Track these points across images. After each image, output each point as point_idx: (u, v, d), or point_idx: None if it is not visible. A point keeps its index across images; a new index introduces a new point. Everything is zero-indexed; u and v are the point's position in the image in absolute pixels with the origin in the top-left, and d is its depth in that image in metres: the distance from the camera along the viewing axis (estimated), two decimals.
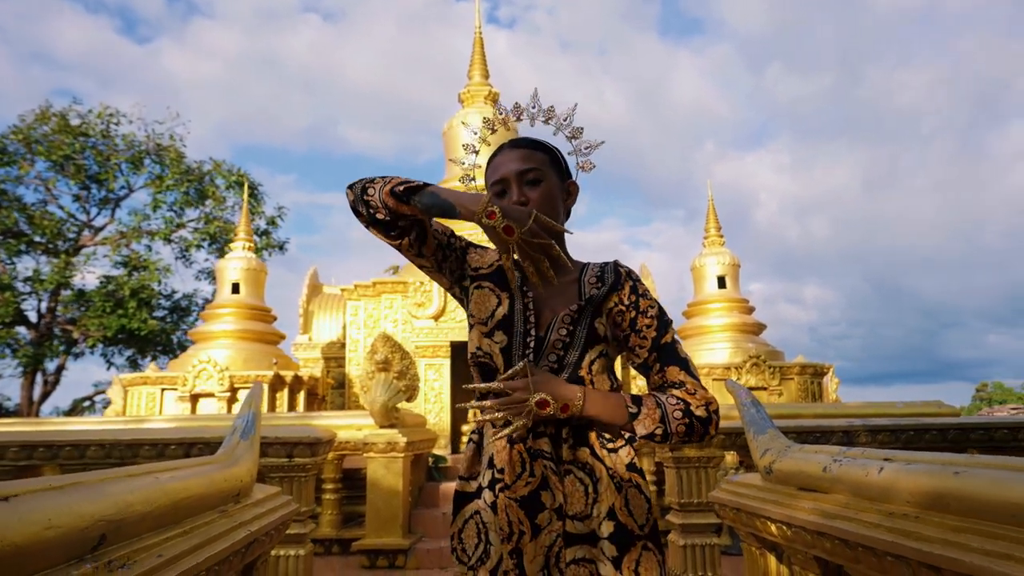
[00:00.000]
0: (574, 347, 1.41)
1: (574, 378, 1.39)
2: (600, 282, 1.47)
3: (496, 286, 1.49)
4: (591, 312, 1.43)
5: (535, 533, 1.30)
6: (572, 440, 1.37)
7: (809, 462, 2.36)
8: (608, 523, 1.31)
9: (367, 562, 5.91)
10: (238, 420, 2.94)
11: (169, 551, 1.55)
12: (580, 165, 1.52)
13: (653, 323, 1.44)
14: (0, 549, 1.00)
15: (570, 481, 1.33)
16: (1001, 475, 1.41)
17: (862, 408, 6.17)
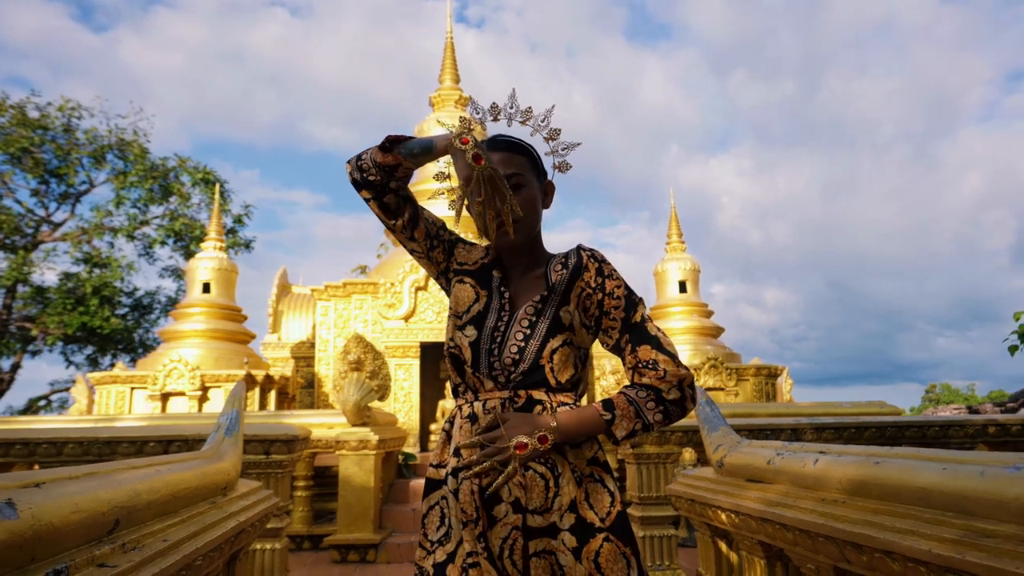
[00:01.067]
0: (534, 337, 1.39)
1: (535, 367, 1.38)
2: (564, 268, 1.45)
3: (477, 283, 1.51)
4: (556, 301, 1.42)
5: (491, 524, 1.30)
6: None
7: (756, 456, 2.55)
8: (569, 515, 1.30)
9: (338, 556, 5.99)
10: (222, 418, 3.04)
11: (172, 537, 1.66)
12: (557, 166, 1.53)
13: (621, 303, 1.42)
14: (40, 528, 1.12)
15: (531, 476, 1.31)
16: (910, 463, 1.61)
17: (811, 408, 6.45)
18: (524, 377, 1.38)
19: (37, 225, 18.89)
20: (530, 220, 1.47)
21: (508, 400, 1.38)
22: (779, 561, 2.46)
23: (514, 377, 1.39)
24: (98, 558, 1.30)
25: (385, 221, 1.50)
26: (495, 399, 1.39)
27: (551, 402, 1.39)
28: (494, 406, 1.38)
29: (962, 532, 1.37)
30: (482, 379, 1.41)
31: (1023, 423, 4.40)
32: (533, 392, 1.39)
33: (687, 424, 4.61)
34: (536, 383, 1.39)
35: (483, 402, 1.40)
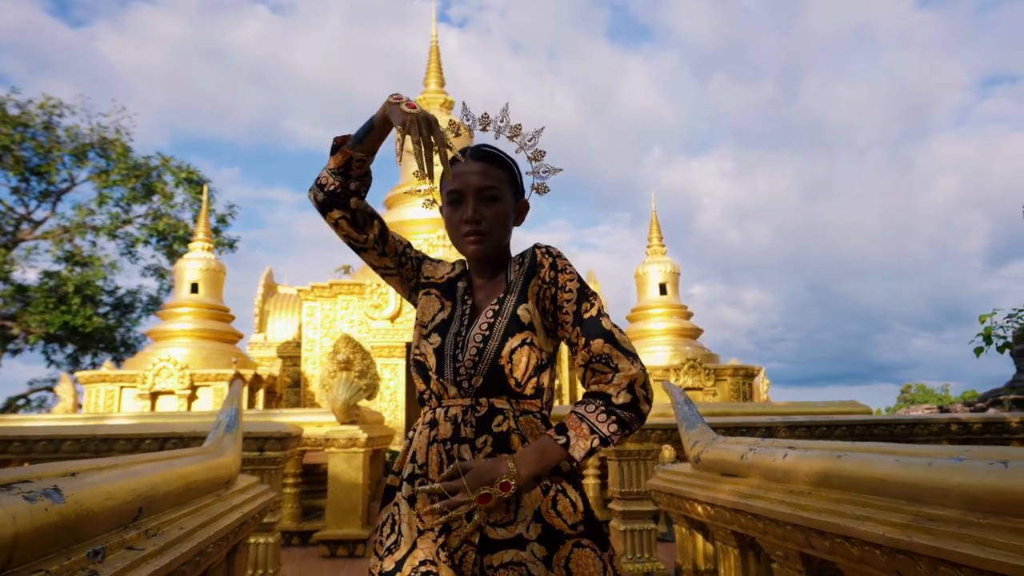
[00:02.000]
0: (493, 337, 1.37)
1: (494, 369, 1.35)
2: (520, 267, 1.45)
3: (443, 295, 1.51)
4: (514, 300, 1.41)
5: (445, 532, 1.28)
6: (491, 449, 1.33)
7: (730, 451, 2.69)
8: (535, 525, 1.27)
9: (327, 552, 6.07)
10: (222, 415, 3.12)
11: (187, 525, 1.76)
12: (536, 187, 1.53)
13: (573, 295, 1.40)
14: (82, 512, 1.22)
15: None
16: (868, 457, 1.74)
17: (786, 407, 6.63)
18: (485, 381, 1.35)
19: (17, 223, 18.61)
20: (499, 233, 1.46)
21: (470, 408, 1.35)
22: (751, 550, 2.60)
23: (475, 381, 1.36)
24: (126, 541, 1.40)
25: (356, 240, 1.48)
26: (457, 406, 1.36)
27: (514, 410, 1.36)
28: (455, 415, 1.35)
29: (911, 517, 1.50)
30: (446, 385, 1.39)
31: (984, 421, 4.59)
32: (495, 400, 1.36)
33: (666, 422, 4.75)
34: (498, 389, 1.36)
35: (445, 409, 1.37)
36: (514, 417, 1.35)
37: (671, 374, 11.23)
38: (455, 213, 1.45)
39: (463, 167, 1.46)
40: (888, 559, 1.54)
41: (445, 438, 1.34)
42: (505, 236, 1.49)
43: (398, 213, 14.94)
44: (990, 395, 16.47)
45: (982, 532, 1.31)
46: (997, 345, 7.35)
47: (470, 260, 1.52)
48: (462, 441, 1.32)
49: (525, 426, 1.36)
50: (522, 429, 1.35)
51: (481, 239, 1.43)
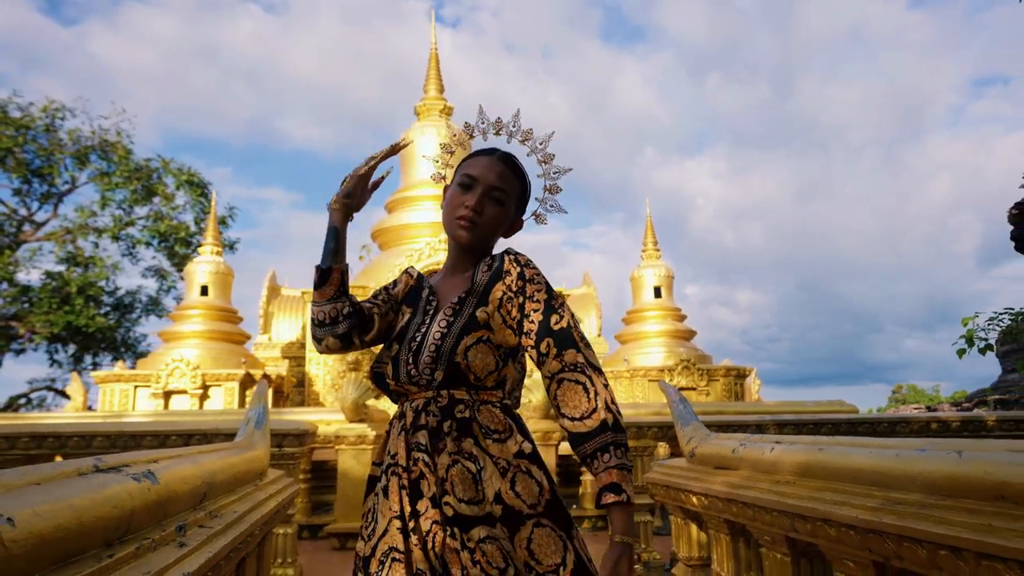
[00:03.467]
0: (450, 335, 1.37)
1: (450, 365, 1.35)
2: (488, 270, 1.44)
3: (408, 305, 1.52)
4: (474, 302, 1.40)
5: (415, 517, 1.30)
6: (456, 433, 1.33)
7: (722, 446, 2.87)
8: (496, 506, 1.28)
9: (337, 544, 6.24)
10: (251, 412, 3.30)
11: (238, 509, 1.94)
12: (548, 188, 1.56)
13: (540, 306, 1.38)
14: (170, 492, 1.40)
15: (458, 470, 1.30)
16: (845, 449, 1.93)
17: (776, 406, 6.83)
18: (445, 375, 1.35)
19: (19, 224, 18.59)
20: (489, 232, 1.48)
21: (432, 399, 1.36)
22: (741, 536, 2.78)
23: (436, 375, 1.36)
24: (198, 520, 1.58)
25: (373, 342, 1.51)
26: (420, 399, 1.38)
27: (474, 400, 1.37)
28: (417, 405, 1.37)
29: (881, 501, 1.69)
30: (404, 386, 1.40)
31: (962, 419, 4.79)
32: (455, 392, 1.37)
33: (661, 420, 4.94)
34: (458, 382, 1.36)
35: (411, 401, 1.39)
36: (474, 407, 1.36)
37: (665, 375, 11.42)
38: (460, 195, 1.46)
39: (485, 160, 1.48)
40: (861, 538, 1.73)
41: (407, 428, 1.36)
42: (492, 238, 1.51)
43: (399, 217, 15.09)
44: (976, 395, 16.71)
45: (940, 512, 1.49)
46: (979, 347, 7.55)
47: (453, 245, 1.52)
48: (422, 428, 1.33)
49: (484, 415, 1.36)
50: (481, 419, 1.35)
51: (472, 228, 1.44)
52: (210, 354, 9.92)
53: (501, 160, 1.49)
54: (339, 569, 5.54)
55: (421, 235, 14.37)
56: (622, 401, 11.79)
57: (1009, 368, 13.87)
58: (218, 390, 9.45)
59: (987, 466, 1.40)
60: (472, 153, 1.53)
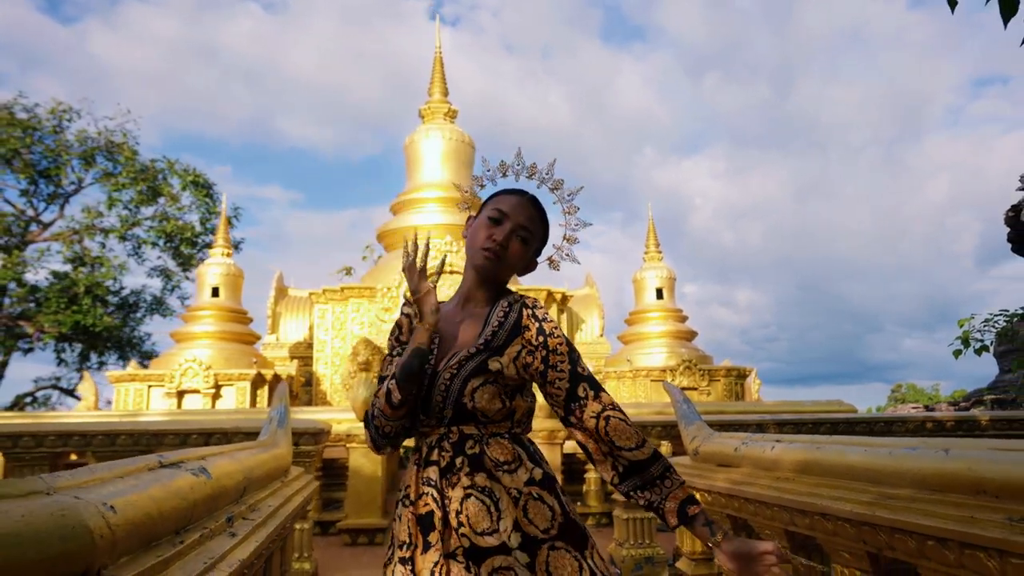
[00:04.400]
0: (459, 377, 1.43)
1: (458, 404, 1.42)
2: (501, 324, 1.49)
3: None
4: (488, 353, 1.45)
5: (425, 549, 1.33)
6: (468, 468, 1.39)
7: (725, 445, 2.98)
8: (515, 535, 1.34)
9: (349, 540, 6.35)
10: (273, 412, 3.41)
11: (272, 504, 2.05)
12: (567, 237, 1.62)
13: (565, 357, 1.47)
14: (220, 486, 1.51)
15: (473, 503, 1.35)
16: (841, 448, 2.04)
17: (775, 406, 6.93)
18: (453, 413, 1.42)
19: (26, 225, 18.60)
20: (509, 266, 1.53)
21: (444, 435, 1.42)
22: (743, 531, 2.88)
23: (446, 413, 1.42)
24: (241, 513, 1.69)
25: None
26: (434, 435, 1.44)
27: (484, 434, 1.42)
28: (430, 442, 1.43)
29: (875, 496, 1.79)
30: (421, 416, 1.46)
31: (956, 419, 4.89)
32: (464, 427, 1.43)
33: (664, 420, 5.05)
34: (466, 419, 1.43)
35: (426, 438, 1.45)
36: (483, 441, 1.42)
37: (668, 375, 11.53)
38: (489, 228, 1.51)
39: (517, 200, 1.54)
40: (856, 531, 1.83)
41: (421, 462, 1.43)
42: (509, 274, 1.55)
43: (404, 219, 15.21)
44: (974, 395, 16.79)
45: (928, 505, 1.60)
46: (975, 348, 7.65)
47: (471, 275, 1.57)
48: (433, 464, 1.40)
49: (494, 448, 1.42)
50: (491, 452, 1.41)
51: (496, 261, 1.49)
52: (222, 354, 10.05)
53: (531, 203, 1.55)
54: (351, 564, 5.65)
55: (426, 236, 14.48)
56: (626, 400, 11.90)
57: (1006, 368, 13.95)
58: (230, 389, 9.58)
59: (970, 463, 1.50)
60: (503, 190, 1.58)
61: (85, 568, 0.82)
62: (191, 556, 1.17)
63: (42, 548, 0.75)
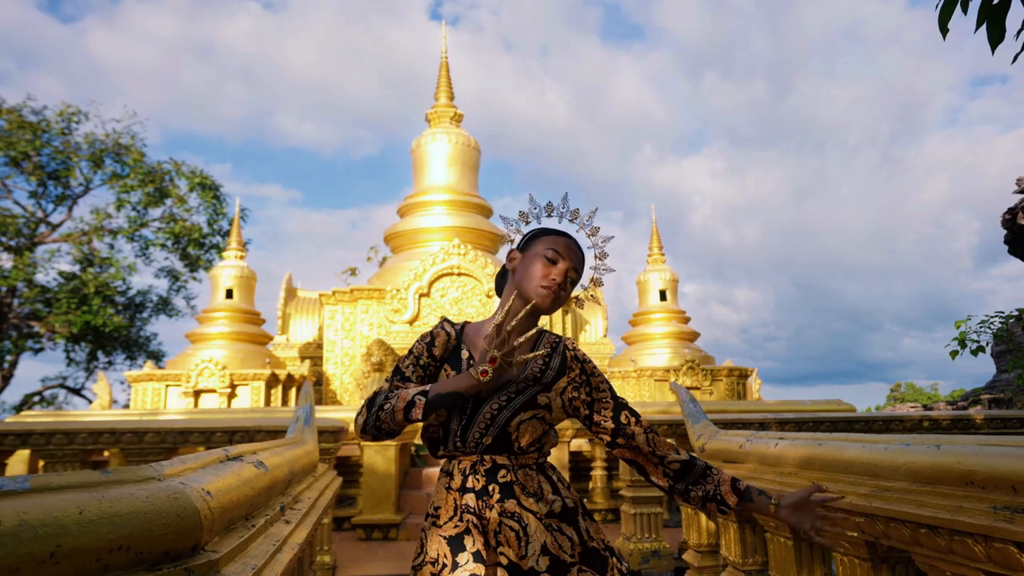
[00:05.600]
0: (508, 408, 1.52)
1: (502, 435, 1.51)
2: (547, 361, 1.60)
3: (451, 367, 1.60)
4: (538, 388, 1.55)
5: (453, 568, 1.40)
6: (500, 495, 1.48)
7: (730, 442, 3.10)
8: (544, 559, 1.42)
9: (363, 535, 6.49)
10: (299, 411, 3.54)
11: (311, 495, 2.18)
12: (597, 256, 1.71)
13: (607, 393, 1.62)
14: (273, 478, 1.64)
15: (505, 530, 1.44)
16: (841, 444, 2.16)
17: (776, 405, 7.04)
18: (493, 442, 1.51)
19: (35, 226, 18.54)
20: (559, 305, 1.62)
21: (478, 462, 1.52)
22: (747, 524, 3.01)
23: (484, 441, 1.51)
24: (288, 503, 1.82)
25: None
26: (466, 462, 1.53)
27: (513, 465, 1.53)
28: (464, 468, 1.52)
29: (871, 488, 1.91)
30: (457, 443, 1.54)
31: (952, 418, 5.00)
32: (497, 457, 1.53)
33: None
34: (502, 449, 1.53)
35: (458, 461, 1.55)
36: (514, 470, 1.53)
37: (671, 374, 11.65)
38: (547, 267, 1.59)
39: (570, 244, 1.64)
40: (855, 521, 1.95)
41: (457, 487, 1.51)
42: (555, 311, 1.65)
43: (411, 221, 15.33)
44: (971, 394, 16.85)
45: (921, 496, 1.72)
46: (971, 348, 7.75)
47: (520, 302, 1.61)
48: (468, 489, 1.49)
49: (523, 477, 1.53)
50: (521, 480, 1.52)
51: (553, 299, 1.59)
52: (236, 355, 10.19)
53: (579, 247, 1.66)
54: (366, 557, 5.78)
55: (433, 239, 14.63)
56: (631, 400, 11.99)
57: (1003, 368, 14.05)
58: (245, 389, 9.72)
59: (959, 456, 1.62)
60: (552, 230, 1.67)
61: (195, 543, 0.95)
62: (261, 539, 1.30)
63: (164, 524, 0.88)
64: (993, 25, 2.04)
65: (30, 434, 4.41)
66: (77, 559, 0.75)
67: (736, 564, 3.06)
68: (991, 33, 2.05)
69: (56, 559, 0.73)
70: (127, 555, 0.82)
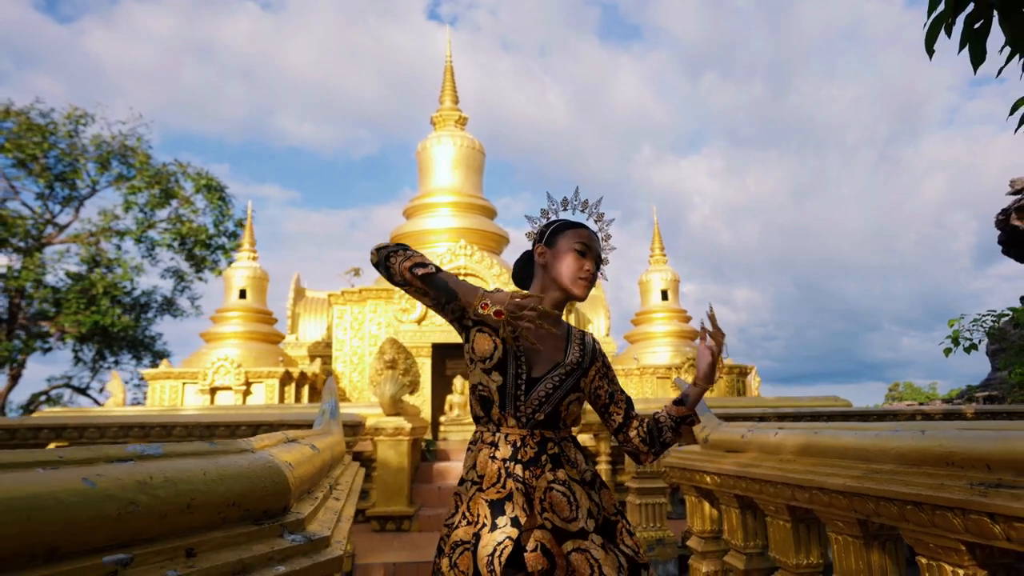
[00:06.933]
0: (561, 389, 1.67)
1: (554, 412, 1.66)
2: (582, 349, 1.76)
3: (493, 331, 1.68)
4: (579, 373, 1.72)
5: (492, 528, 1.51)
6: (551, 464, 1.62)
7: (732, 433, 3.25)
8: (590, 521, 1.58)
9: (377, 526, 6.65)
10: (324, 405, 3.70)
11: (347, 481, 2.33)
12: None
13: (616, 381, 1.82)
14: (324, 459, 1.79)
15: (556, 495, 1.57)
16: (836, 432, 2.31)
17: (775, 401, 7.19)
18: (545, 418, 1.65)
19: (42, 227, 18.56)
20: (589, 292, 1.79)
21: (528, 435, 1.63)
22: (749, 509, 3.16)
23: (537, 416, 1.64)
24: (332, 483, 1.97)
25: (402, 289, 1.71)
26: (515, 435, 1.64)
27: (558, 438, 1.67)
28: (514, 440, 1.63)
29: (864, 471, 2.07)
30: (506, 416, 1.64)
31: (944, 412, 5.14)
32: (544, 431, 1.65)
33: None
34: (550, 424, 1.66)
35: (505, 435, 1.64)
36: (559, 443, 1.67)
37: (673, 372, 11.79)
38: (579, 260, 1.74)
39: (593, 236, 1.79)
40: (848, 501, 2.10)
41: (504, 457, 1.61)
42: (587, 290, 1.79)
43: (417, 223, 15.46)
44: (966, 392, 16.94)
45: (907, 477, 1.87)
46: (964, 347, 7.89)
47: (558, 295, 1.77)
48: (518, 460, 1.61)
49: (566, 448, 1.69)
50: (564, 451, 1.68)
51: (589, 288, 1.77)
52: (251, 353, 10.36)
53: (597, 235, 1.82)
54: (381, 547, 5.94)
55: (440, 240, 14.77)
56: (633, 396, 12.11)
57: (997, 367, 14.17)
58: (259, 386, 9.89)
59: (941, 440, 1.78)
60: (576, 223, 1.82)
61: (284, 504, 1.11)
62: (323, 509, 1.45)
63: (263, 487, 1.04)
64: (975, 46, 2.18)
65: (64, 428, 4.57)
66: (205, 511, 0.91)
67: (738, 547, 3.21)
68: (973, 54, 2.20)
69: (191, 509, 0.88)
70: (238, 510, 0.98)
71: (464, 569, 1.51)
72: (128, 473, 0.85)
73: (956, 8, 2.13)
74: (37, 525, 0.69)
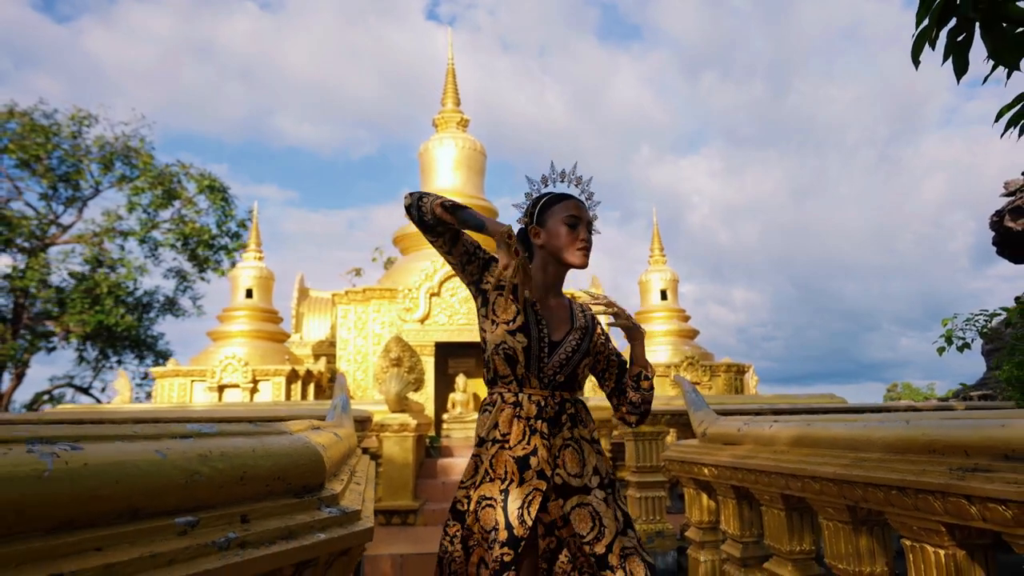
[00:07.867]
0: (579, 353, 1.77)
1: (572, 375, 1.76)
2: (585, 318, 1.87)
3: (513, 297, 1.75)
4: (589, 339, 1.82)
5: (520, 483, 1.60)
6: (569, 423, 1.73)
7: (729, 426, 3.35)
8: (595, 477, 1.69)
9: (383, 520, 6.74)
10: (336, 400, 3.80)
11: (362, 470, 2.43)
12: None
13: (614, 347, 1.92)
14: (345, 446, 1.90)
15: (569, 452, 1.69)
16: (827, 424, 2.41)
17: (772, 398, 7.29)
18: (565, 380, 1.75)
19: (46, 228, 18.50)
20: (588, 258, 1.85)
21: (549, 396, 1.72)
22: (745, 500, 3.26)
23: (557, 378, 1.73)
24: (350, 469, 2.08)
25: (431, 240, 1.75)
26: (538, 395, 1.71)
27: (574, 399, 1.78)
28: (537, 400, 1.70)
29: (852, 460, 2.17)
30: (530, 377, 1.72)
31: (935, 408, 5.24)
32: (563, 393, 1.75)
33: (673, 409, 5.42)
34: (568, 386, 1.76)
35: (528, 395, 1.70)
36: (575, 403, 1.78)
37: (672, 370, 11.89)
38: (572, 232, 1.79)
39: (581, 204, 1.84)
40: (838, 488, 2.21)
41: (529, 416, 1.68)
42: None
43: None
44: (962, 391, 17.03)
45: (892, 464, 1.97)
46: (957, 346, 7.98)
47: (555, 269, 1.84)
48: (543, 418, 1.68)
49: (580, 410, 1.80)
50: (579, 412, 1.79)
51: (587, 255, 1.82)
52: (257, 352, 10.47)
53: (587, 209, 1.87)
54: (387, 540, 6.04)
55: None
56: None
57: (992, 366, 14.26)
58: (266, 384, 10.00)
59: (924, 429, 1.88)
60: (561, 195, 1.86)
61: (320, 481, 1.21)
62: (349, 490, 1.56)
63: (303, 464, 1.14)
64: (958, 58, 2.29)
65: (81, 422, 4.67)
66: (255, 483, 1.02)
67: (735, 537, 3.31)
68: (956, 65, 2.30)
69: (244, 481, 0.99)
70: (282, 484, 1.09)
71: (485, 524, 1.59)
72: (191, 447, 0.95)
73: (940, 22, 2.23)
74: (125, 487, 0.79)
